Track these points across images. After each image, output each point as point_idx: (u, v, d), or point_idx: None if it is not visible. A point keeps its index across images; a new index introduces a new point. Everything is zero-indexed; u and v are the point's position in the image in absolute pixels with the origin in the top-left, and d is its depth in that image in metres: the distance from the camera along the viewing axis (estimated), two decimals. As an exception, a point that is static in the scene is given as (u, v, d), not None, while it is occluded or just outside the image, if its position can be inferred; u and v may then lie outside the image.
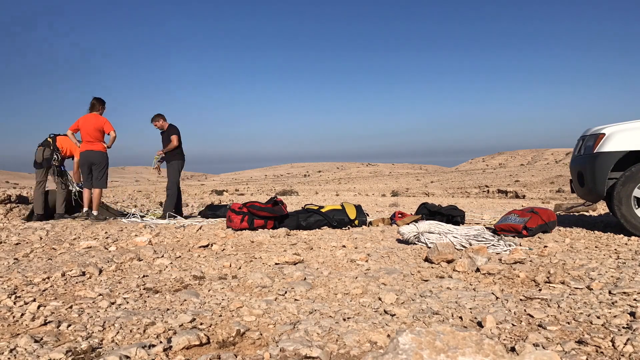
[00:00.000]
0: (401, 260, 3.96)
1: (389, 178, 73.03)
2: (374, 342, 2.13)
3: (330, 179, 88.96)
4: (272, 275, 3.46)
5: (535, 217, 5.14)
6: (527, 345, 1.92)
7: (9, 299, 2.81)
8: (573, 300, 2.62)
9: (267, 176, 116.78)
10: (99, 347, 2.10)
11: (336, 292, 3.03)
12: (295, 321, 2.43)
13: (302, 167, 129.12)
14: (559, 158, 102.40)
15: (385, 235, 5.39)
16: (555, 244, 4.40)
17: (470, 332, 1.49)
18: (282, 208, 6.22)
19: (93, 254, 4.31)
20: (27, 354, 1.99)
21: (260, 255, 4.27)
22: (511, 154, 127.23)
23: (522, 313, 2.46)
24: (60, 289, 3.11)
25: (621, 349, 1.92)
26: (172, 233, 5.73)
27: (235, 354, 2.04)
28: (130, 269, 3.79)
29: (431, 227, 4.69)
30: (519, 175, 62.83)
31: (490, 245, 4.23)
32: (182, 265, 3.93)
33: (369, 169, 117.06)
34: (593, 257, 3.78)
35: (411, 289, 3.02)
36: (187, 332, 2.21)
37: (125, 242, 5.07)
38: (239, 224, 5.88)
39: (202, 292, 3.06)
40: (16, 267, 3.78)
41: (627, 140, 4.82)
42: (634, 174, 4.77)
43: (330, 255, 4.25)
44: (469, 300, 2.70)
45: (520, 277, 3.21)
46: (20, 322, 2.45)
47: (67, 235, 5.64)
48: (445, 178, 69.14)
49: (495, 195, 29.03)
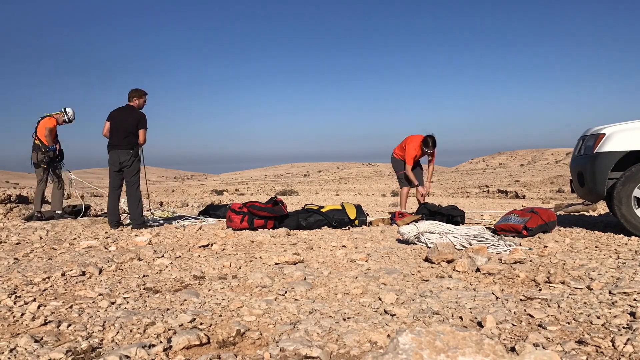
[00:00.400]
0: (401, 260, 3.96)
1: (389, 178, 73.03)
2: (374, 342, 2.13)
3: (330, 178, 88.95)
4: (272, 275, 3.46)
5: (535, 217, 5.14)
6: (527, 345, 1.92)
7: (9, 298, 2.81)
8: (573, 300, 2.62)
9: (267, 176, 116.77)
10: (99, 347, 2.11)
11: (336, 292, 3.03)
12: (295, 321, 2.43)
13: (302, 167, 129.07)
14: (559, 158, 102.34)
15: (385, 235, 5.39)
16: (555, 244, 4.41)
17: (470, 332, 1.49)
18: (282, 208, 6.22)
19: (93, 254, 4.31)
20: (27, 353, 1.99)
21: (260, 255, 4.27)
22: (511, 154, 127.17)
23: (522, 313, 2.46)
24: (60, 289, 3.11)
25: (621, 349, 1.92)
26: (172, 233, 5.73)
27: (235, 354, 2.04)
28: (130, 268, 3.79)
29: (431, 227, 4.69)
30: (519, 175, 62.82)
31: (490, 245, 4.23)
32: (182, 265, 3.93)
33: (369, 168, 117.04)
34: (593, 257, 3.78)
35: (411, 289, 3.02)
36: (187, 332, 2.21)
37: (125, 242, 5.07)
38: (239, 224, 5.87)
39: (202, 292, 3.06)
40: (16, 267, 3.78)
41: (627, 140, 4.82)
42: (634, 174, 4.76)
43: (330, 255, 4.25)
44: (469, 300, 2.70)
45: (520, 277, 3.21)
46: (20, 322, 2.45)
47: (67, 235, 5.64)
48: (445, 178, 69.13)
49: (495, 195, 29.03)
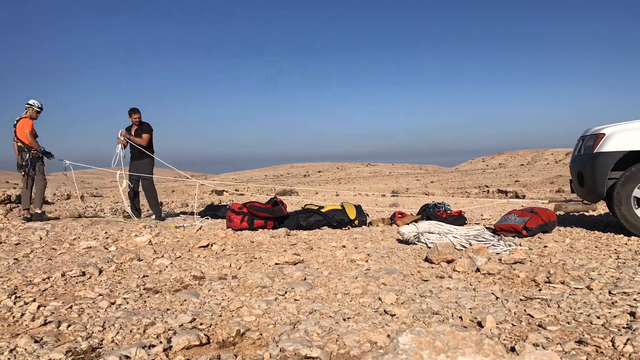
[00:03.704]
0: (401, 261, 3.96)
1: (389, 178, 73.00)
2: (374, 342, 2.13)
3: (330, 179, 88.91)
4: (272, 276, 3.45)
5: (535, 217, 5.14)
6: (527, 345, 1.92)
7: (9, 299, 2.81)
8: (573, 300, 2.62)
9: (267, 176, 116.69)
10: (99, 347, 2.11)
11: (336, 292, 3.03)
12: (295, 321, 2.43)
13: (302, 167, 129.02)
14: (559, 158, 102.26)
15: (385, 235, 5.39)
16: (555, 244, 4.41)
17: (470, 332, 1.49)
18: (282, 208, 6.21)
19: (93, 254, 4.31)
20: (27, 354, 1.99)
21: (260, 255, 4.27)
22: (511, 154, 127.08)
23: (522, 313, 2.46)
24: (60, 289, 3.11)
25: (621, 349, 1.92)
26: (172, 233, 5.73)
27: (235, 354, 2.04)
28: (130, 269, 3.79)
29: (431, 227, 4.69)
30: (519, 175, 62.77)
31: (490, 246, 4.23)
32: (182, 266, 3.93)
33: (369, 169, 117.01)
34: (593, 257, 3.78)
35: (411, 289, 3.02)
36: (187, 332, 2.21)
37: (125, 242, 5.07)
38: (239, 224, 5.87)
39: (202, 292, 3.06)
40: (16, 267, 3.78)
41: (627, 140, 4.82)
42: (634, 174, 4.76)
43: (330, 256, 4.25)
44: (469, 300, 2.70)
45: (520, 277, 3.21)
46: (20, 322, 2.45)
47: (67, 236, 5.64)
48: (445, 178, 69.11)
49: (495, 195, 29.01)
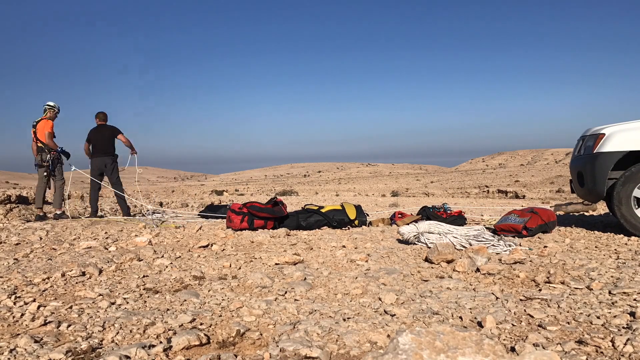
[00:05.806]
0: (401, 261, 3.96)
1: (389, 178, 72.98)
2: (374, 342, 2.13)
3: (330, 179, 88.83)
4: (272, 276, 3.45)
5: (535, 217, 5.14)
6: (527, 345, 1.92)
7: (9, 299, 2.81)
8: (573, 300, 2.62)
9: (267, 176, 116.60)
10: (99, 347, 2.10)
11: (336, 292, 3.03)
12: (295, 321, 2.43)
13: (302, 167, 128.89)
14: (559, 158, 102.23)
15: (385, 236, 5.39)
16: (555, 244, 4.40)
17: (470, 332, 1.49)
18: (282, 209, 6.22)
19: (93, 254, 4.30)
20: (27, 354, 1.99)
21: (260, 255, 4.27)
22: (511, 154, 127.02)
23: (522, 313, 2.46)
24: (60, 289, 3.11)
25: (621, 349, 1.92)
26: (172, 233, 5.73)
27: (235, 354, 2.04)
28: (130, 269, 3.79)
29: (431, 227, 4.69)
30: (519, 175, 62.77)
31: (490, 246, 4.23)
32: (182, 266, 3.93)
33: (369, 169, 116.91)
34: (593, 257, 3.78)
35: (411, 289, 3.02)
36: (187, 332, 2.21)
37: (125, 242, 5.07)
38: (239, 224, 5.87)
39: (202, 292, 3.06)
40: (16, 267, 3.78)
41: (627, 140, 4.82)
42: (634, 174, 4.76)
43: (330, 256, 4.25)
44: (469, 300, 2.70)
45: (520, 277, 3.21)
46: (20, 322, 2.45)
47: (67, 236, 5.64)
48: (445, 178, 69.07)
49: (495, 196, 29.03)
